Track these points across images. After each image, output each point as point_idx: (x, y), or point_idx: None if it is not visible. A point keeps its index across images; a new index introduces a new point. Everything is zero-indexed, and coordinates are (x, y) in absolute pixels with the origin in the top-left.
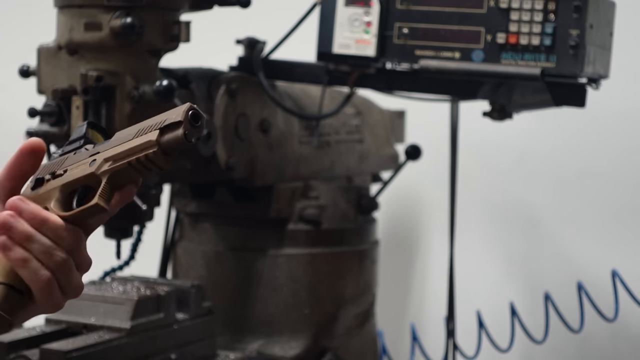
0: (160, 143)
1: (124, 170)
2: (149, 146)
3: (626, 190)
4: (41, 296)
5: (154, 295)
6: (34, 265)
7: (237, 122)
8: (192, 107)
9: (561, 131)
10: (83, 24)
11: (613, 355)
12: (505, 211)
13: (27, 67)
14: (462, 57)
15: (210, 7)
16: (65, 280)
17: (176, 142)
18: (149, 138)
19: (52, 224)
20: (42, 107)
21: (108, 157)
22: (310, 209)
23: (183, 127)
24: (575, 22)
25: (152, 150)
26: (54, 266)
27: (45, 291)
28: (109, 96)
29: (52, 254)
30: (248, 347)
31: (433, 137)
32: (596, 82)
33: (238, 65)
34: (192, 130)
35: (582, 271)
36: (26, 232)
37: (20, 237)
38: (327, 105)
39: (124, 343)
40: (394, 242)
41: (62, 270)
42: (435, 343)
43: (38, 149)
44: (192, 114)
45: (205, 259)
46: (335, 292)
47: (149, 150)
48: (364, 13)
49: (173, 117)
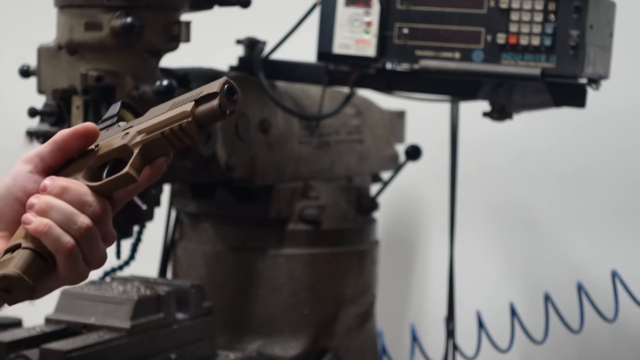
0: (195, 114)
1: (156, 141)
2: (184, 117)
3: (626, 190)
4: (65, 265)
5: (154, 295)
6: (55, 232)
7: (237, 122)
8: (228, 81)
9: (561, 131)
10: (83, 24)
11: (613, 355)
12: (505, 211)
13: (27, 67)
14: (462, 57)
15: (211, 7)
16: (89, 249)
17: (211, 113)
18: (184, 109)
19: (75, 190)
20: (42, 107)
21: (141, 129)
22: (310, 209)
23: (219, 99)
24: (575, 23)
25: (187, 120)
26: (78, 234)
27: (69, 259)
28: (109, 96)
29: (75, 220)
30: (248, 347)
31: (433, 137)
32: (596, 82)
33: (238, 65)
34: (227, 102)
35: (582, 271)
36: (47, 202)
37: (40, 208)
38: (327, 106)
39: (124, 343)
40: (394, 242)
41: (86, 239)
42: (435, 343)
43: (91, 134)
44: (228, 87)
45: (205, 259)
46: (335, 292)
47: (183, 120)
48: (364, 13)
49: (209, 89)
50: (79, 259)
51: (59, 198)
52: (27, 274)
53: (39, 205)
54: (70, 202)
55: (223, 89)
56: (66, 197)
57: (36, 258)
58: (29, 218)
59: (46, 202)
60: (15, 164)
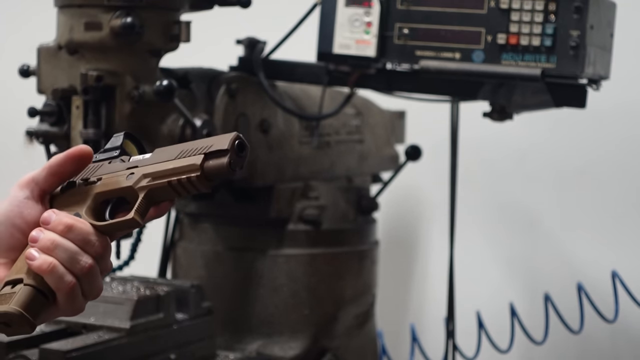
0: (204, 168)
1: (162, 188)
2: (193, 169)
3: (626, 191)
4: (65, 301)
5: (154, 295)
6: (59, 271)
7: (237, 122)
8: (239, 137)
9: (561, 132)
10: (83, 24)
11: (613, 356)
12: (505, 212)
13: (27, 66)
14: (462, 57)
15: (211, 7)
16: (89, 285)
17: (220, 170)
18: (193, 161)
19: (80, 230)
20: (42, 106)
21: (147, 173)
22: (310, 209)
23: (229, 156)
24: (575, 23)
25: (195, 174)
26: (80, 273)
27: (70, 296)
28: (109, 96)
29: (79, 260)
30: (248, 347)
31: (433, 137)
32: (596, 82)
33: (238, 65)
34: (236, 160)
35: (582, 272)
36: (51, 239)
37: (45, 245)
38: (327, 106)
39: (124, 343)
40: (394, 242)
41: (87, 276)
42: (435, 343)
43: (85, 157)
44: (238, 144)
45: (205, 259)
46: (335, 292)
47: (192, 173)
48: (364, 13)
49: (220, 144)
50: (79, 295)
51: (64, 236)
52: (28, 312)
53: (44, 243)
54: (74, 241)
55: (234, 146)
56: (71, 236)
57: (37, 295)
58: (33, 254)
59: (51, 240)
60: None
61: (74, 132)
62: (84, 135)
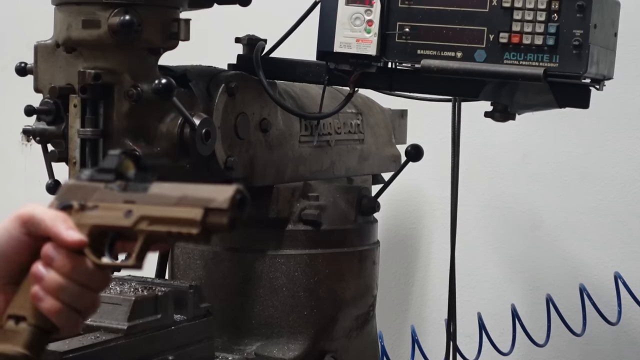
0: (203, 224)
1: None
2: (192, 224)
3: (629, 193)
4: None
5: (152, 296)
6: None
7: (236, 121)
8: (240, 191)
9: (564, 133)
10: (81, 22)
11: (616, 358)
12: (507, 213)
13: (24, 64)
14: (464, 56)
15: (210, 5)
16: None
17: (219, 228)
18: (193, 216)
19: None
20: (39, 105)
21: (145, 215)
22: (310, 209)
23: (229, 216)
24: (578, 22)
25: (194, 230)
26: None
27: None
28: (107, 94)
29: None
30: (246, 348)
31: (434, 137)
32: (599, 82)
33: (237, 64)
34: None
35: (585, 274)
36: (57, 282)
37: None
38: (327, 105)
39: (121, 344)
40: (394, 243)
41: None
42: (435, 345)
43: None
44: (239, 200)
45: (204, 259)
46: (335, 293)
47: (191, 228)
48: (365, 12)
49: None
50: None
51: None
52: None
53: (49, 284)
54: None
55: (234, 203)
56: (75, 277)
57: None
58: (39, 295)
59: (57, 282)
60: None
61: (72, 131)
62: (82, 134)
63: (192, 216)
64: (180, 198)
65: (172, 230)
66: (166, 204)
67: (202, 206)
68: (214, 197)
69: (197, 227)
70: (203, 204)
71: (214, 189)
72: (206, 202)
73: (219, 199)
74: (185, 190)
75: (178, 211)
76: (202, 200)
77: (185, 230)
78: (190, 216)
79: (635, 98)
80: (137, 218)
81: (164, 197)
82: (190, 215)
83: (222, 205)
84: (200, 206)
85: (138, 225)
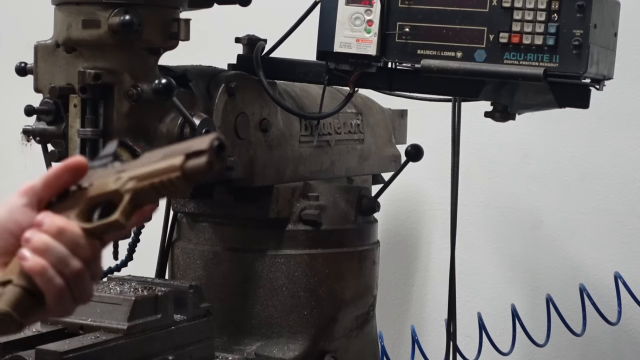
0: (183, 168)
1: (146, 190)
2: (172, 170)
3: (629, 193)
4: (53, 302)
5: (152, 296)
6: (49, 274)
7: (236, 121)
8: (218, 138)
9: (564, 133)
10: (81, 22)
11: (616, 358)
12: (506, 213)
13: (24, 64)
14: (464, 56)
15: (210, 5)
16: (78, 289)
17: (198, 170)
18: (173, 162)
19: (70, 233)
20: (39, 105)
21: (132, 176)
22: (310, 209)
23: (207, 156)
24: (578, 22)
25: (175, 175)
26: (69, 275)
27: (58, 298)
28: (107, 94)
29: (68, 263)
30: (246, 348)
31: (434, 137)
32: (599, 82)
33: (237, 64)
34: (215, 160)
35: (585, 274)
36: (43, 241)
37: (36, 246)
38: (327, 105)
39: (121, 344)
40: (394, 243)
41: (76, 280)
42: (435, 345)
43: (81, 169)
44: (217, 144)
45: (204, 259)
46: (335, 293)
47: (172, 174)
48: (365, 12)
49: (199, 145)
50: (68, 298)
51: (55, 239)
52: (17, 311)
53: (36, 244)
54: (65, 244)
55: (212, 146)
56: (62, 238)
57: (26, 295)
58: (25, 255)
59: (43, 242)
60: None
61: (72, 130)
62: (82, 134)
63: (173, 163)
64: (165, 154)
65: (154, 181)
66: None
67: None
68: (193, 144)
69: (177, 171)
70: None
71: (194, 140)
72: (186, 149)
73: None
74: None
75: (161, 164)
76: (182, 149)
77: (166, 177)
78: (171, 164)
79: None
80: (124, 181)
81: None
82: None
83: (201, 146)
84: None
85: (125, 186)
